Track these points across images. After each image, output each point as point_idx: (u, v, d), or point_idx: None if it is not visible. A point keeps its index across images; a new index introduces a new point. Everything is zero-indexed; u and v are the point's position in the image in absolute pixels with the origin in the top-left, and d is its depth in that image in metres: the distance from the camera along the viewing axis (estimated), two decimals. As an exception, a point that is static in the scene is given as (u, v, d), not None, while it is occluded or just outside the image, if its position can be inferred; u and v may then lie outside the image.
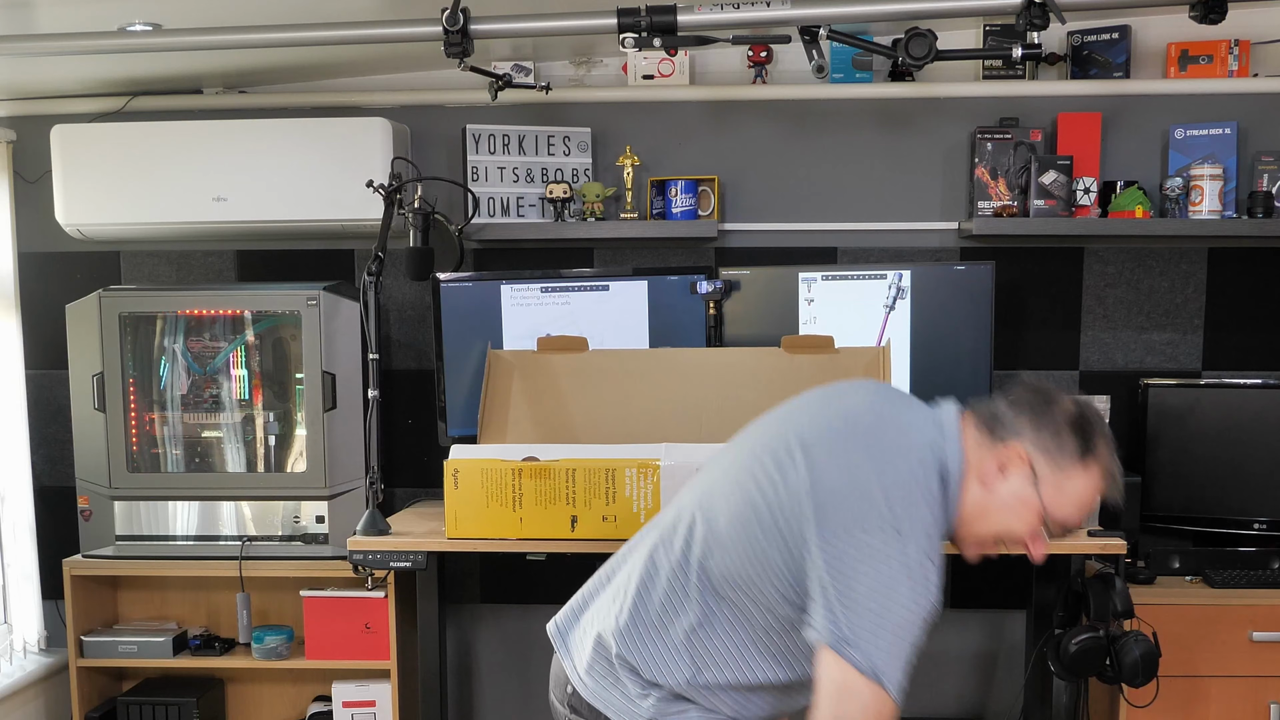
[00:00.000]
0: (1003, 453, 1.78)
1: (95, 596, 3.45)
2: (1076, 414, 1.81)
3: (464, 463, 2.82)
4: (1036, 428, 1.78)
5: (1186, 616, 3.02)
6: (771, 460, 1.78)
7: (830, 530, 1.68)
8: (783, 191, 3.48)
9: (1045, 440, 1.78)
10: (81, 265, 3.59)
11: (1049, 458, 1.77)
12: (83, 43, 2.79)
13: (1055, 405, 1.80)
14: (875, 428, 1.77)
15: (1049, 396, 1.82)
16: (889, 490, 1.68)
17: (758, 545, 1.76)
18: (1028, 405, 1.80)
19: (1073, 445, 1.79)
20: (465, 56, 2.64)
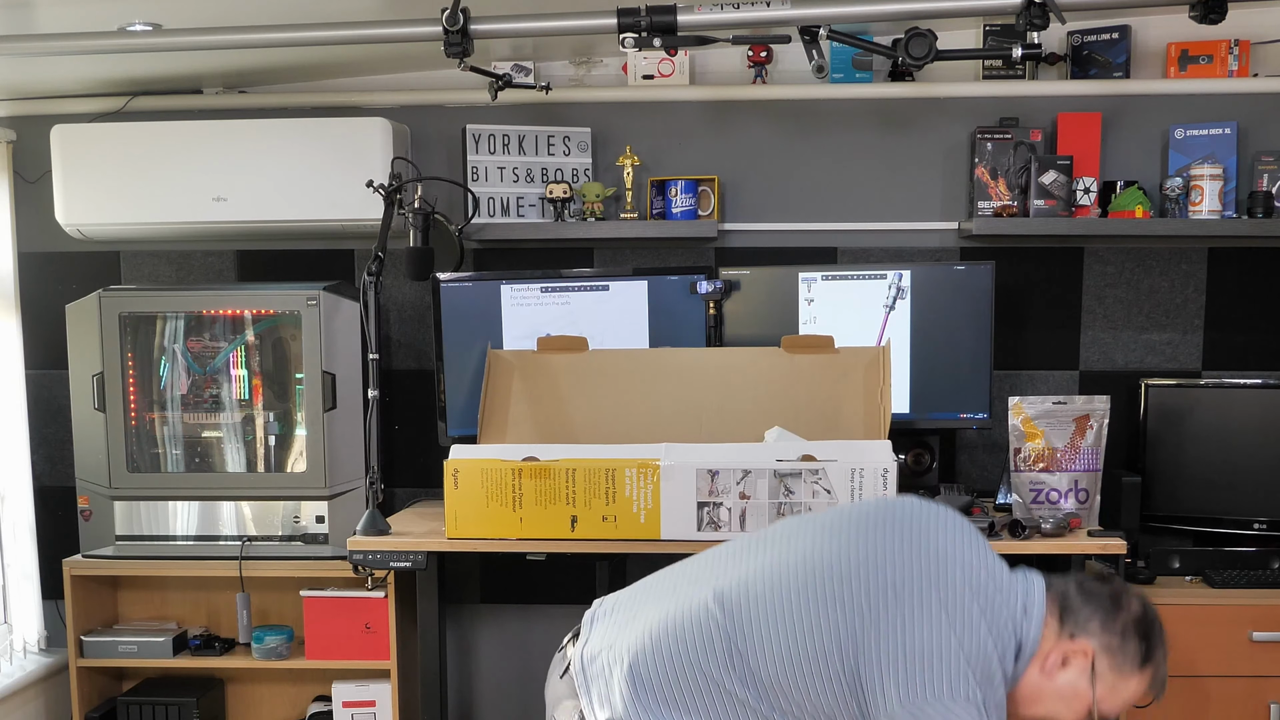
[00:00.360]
0: (1069, 646, 1.83)
1: (95, 596, 3.45)
2: (1143, 618, 1.86)
3: (464, 463, 2.82)
4: (1105, 627, 1.83)
5: (1186, 616, 3.01)
6: (851, 597, 1.78)
7: (914, 690, 1.70)
8: (783, 191, 3.48)
9: (1111, 642, 1.83)
10: (81, 265, 3.59)
11: (1111, 659, 1.83)
12: (83, 43, 2.78)
13: (1125, 607, 1.85)
14: (968, 587, 1.78)
15: (1119, 597, 1.86)
16: (972, 660, 1.72)
17: (821, 673, 1.77)
18: (1099, 602, 1.85)
19: (1135, 651, 1.85)
20: (465, 56, 2.64)
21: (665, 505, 2.76)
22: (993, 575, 1.83)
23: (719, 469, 2.74)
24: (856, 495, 2.67)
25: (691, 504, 2.75)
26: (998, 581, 1.83)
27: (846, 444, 2.80)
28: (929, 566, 1.80)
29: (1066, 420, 3.04)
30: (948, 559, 1.81)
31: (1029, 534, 2.82)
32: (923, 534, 1.85)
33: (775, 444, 2.84)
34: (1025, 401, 3.06)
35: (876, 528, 1.88)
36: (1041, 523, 2.86)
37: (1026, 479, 3.06)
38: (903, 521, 1.88)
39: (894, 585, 1.78)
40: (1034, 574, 1.89)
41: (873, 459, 2.67)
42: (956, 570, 1.80)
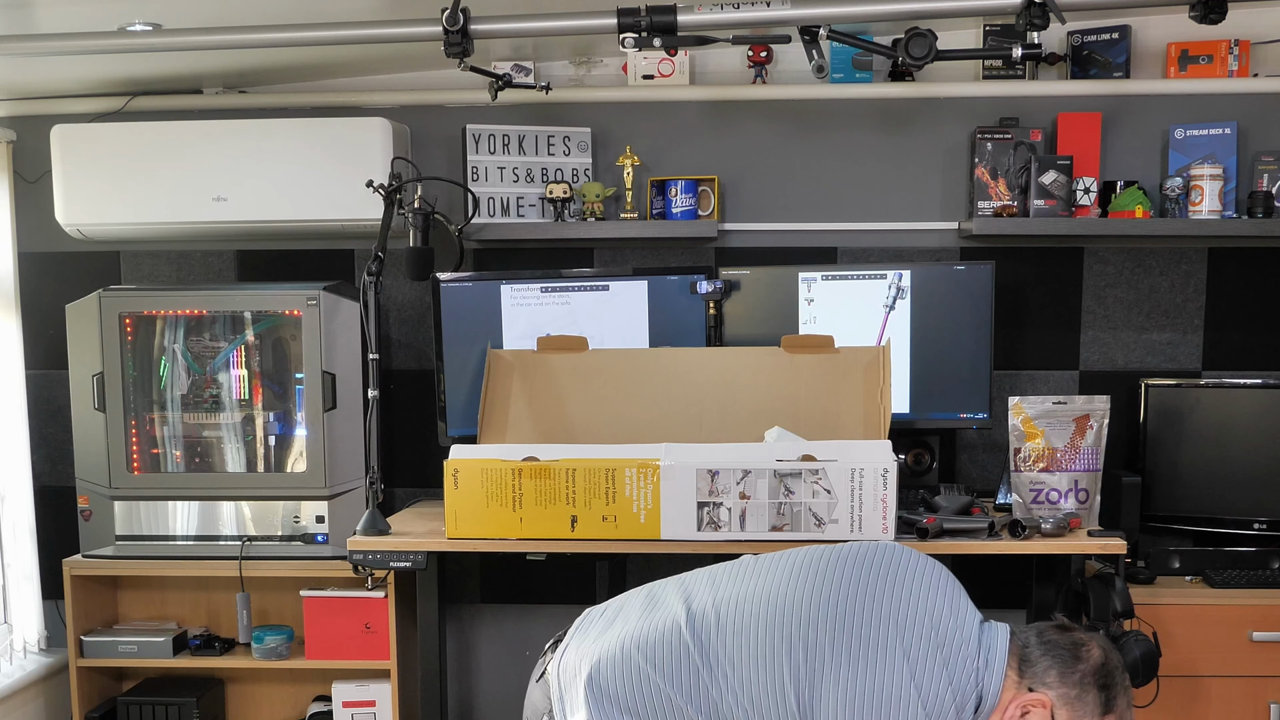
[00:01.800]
0: (1027, 698, 1.83)
1: (95, 596, 3.45)
2: (1102, 668, 1.86)
3: (464, 463, 2.82)
4: (1063, 679, 1.84)
5: (1186, 616, 3.02)
6: (815, 640, 1.81)
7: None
8: (783, 191, 3.48)
9: (1069, 693, 1.83)
10: (81, 265, 3.59)
11: (1070, 710, 1.83)
12: (83, 43, 2.78)
13: (1083, 658, 1.85)
14: (933, 639, 1.79)
15: (1078, 648, 1.86)
16: (930, 711, 1.74)
17: (775, 711, 1.79)
18: (1057, 653, 1.85)
19: (1095, 701, 1.85)
20: (465, 56, 2.64)
21: (665, 505, 2.76)
22: (960, 626, 1.84)
23: (719, 469, 2.74)
24: (856, 495, 2.67)
25: (691, 504, 2.75)
26: (965, 633, 1.84)
27: (846, 444, 2.80)
28: (897, 615, 1.81)
29: (1066, 420, 3.04)
30: (916, 609, 1.83)
31: (1029, 534, 2.82)
32: (895, 582, 1.87)
33: (775, 444, 2.84)
34: (1025, 401, 3.06)
35: (850, 571, 1.89)
36: (1041, 523, 2.86)
37: (1026, 479, 3.06)
38: (876, 567, 1.89)
39: (859, 632, 1.80)
40: (1001, 626, 1.90)
41: (873, 459, 2.67)
42: (924, 621, 1.81)
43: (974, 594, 3.55)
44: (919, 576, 1.89)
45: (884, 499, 2.68)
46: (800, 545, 2.65)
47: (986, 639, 1.86)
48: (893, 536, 2.70)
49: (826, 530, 2.69)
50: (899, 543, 2.01)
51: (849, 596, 1.85)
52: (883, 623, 1.80)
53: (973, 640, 1.84)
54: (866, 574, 1.89)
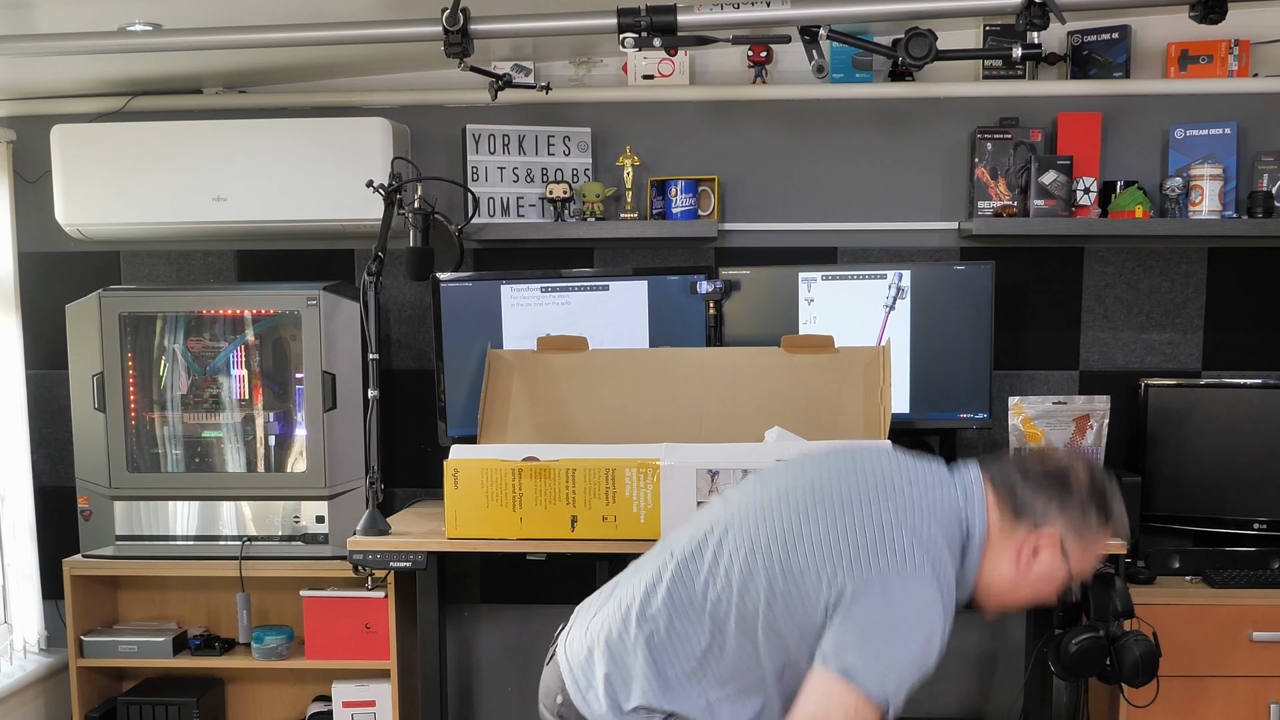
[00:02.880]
0: (1035, 538, 1.89)
1: (95, 596, 3.45)
2: (1093, 486, 1.93)
3: (464, 463, 2.82)
4: (1064, 510, 1.90)
5: (1186, 616, 3.02)
6: (802, 515, 1.87)
7: (863, 577, 1.78)
8: (783, 191, 3.48)
9: (1074, 521, 1.90)
10: (81, 265, 3.59)
11: (1078, 535, 1.90)
12: (83, 43, 2.79)
13: (1074, 484, 1.91)
14: (906, 488, 1.88)
15: (1066, 475, 1.91)
16: (918, 543, 1.81)
17: (795, 593, 1.84)
18: (1051, 488, 1.90)
19: (1096, 518, 1.93)
20: (465, 56, 2.64)
21: (665, 505, 2.76)
22: (930, 469, 1.94)
23: (719, 469, 2.74)
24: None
25: (691, 504, 2.74)
26: (938, 474, 1.93)
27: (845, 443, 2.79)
28: (872, 476, 1.90)
29: (1066, 420, 3.04)
30: (887, 467, 1.92)
31: (1029, 534, 2.82)
32: (861, 455, 1.97)
33: (775, 444, 2.84)
34: (1025, 401, 3.06)
35: (825, 468, 1.97)
36: (1041, 523, 2.85)
37: (1026, 479, 3.05)
38: (849, 455, 2.00)
39: (840, 497, 1.88)
40: (969, 463, 1.97)
41: (873, 459, 2.66)
42: (894, 476, 1.90)
43: (974, 594, 3.56)
44: (878, 448, 2.01)
45: (884, 499, 2.67)
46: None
47: (959, 476, 1.93)
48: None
49: None
50: None
51: (822, 481, 1.93)
52: (861, 486, 1.88)
53: (946, 479, 1.92)
54: (833, 458, 2.00)
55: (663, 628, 1.93)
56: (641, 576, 2.02)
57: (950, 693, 3.62)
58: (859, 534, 1.82)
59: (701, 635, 1.91)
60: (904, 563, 1.79)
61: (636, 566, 2.09)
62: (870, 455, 1.96)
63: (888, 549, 1.80)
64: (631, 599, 1.99)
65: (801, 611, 1.83)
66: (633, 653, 1.94)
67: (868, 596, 1.78)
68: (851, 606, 1.78)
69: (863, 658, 1.77)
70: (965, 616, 3.58)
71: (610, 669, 1.95)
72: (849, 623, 1.78)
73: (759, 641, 1.87)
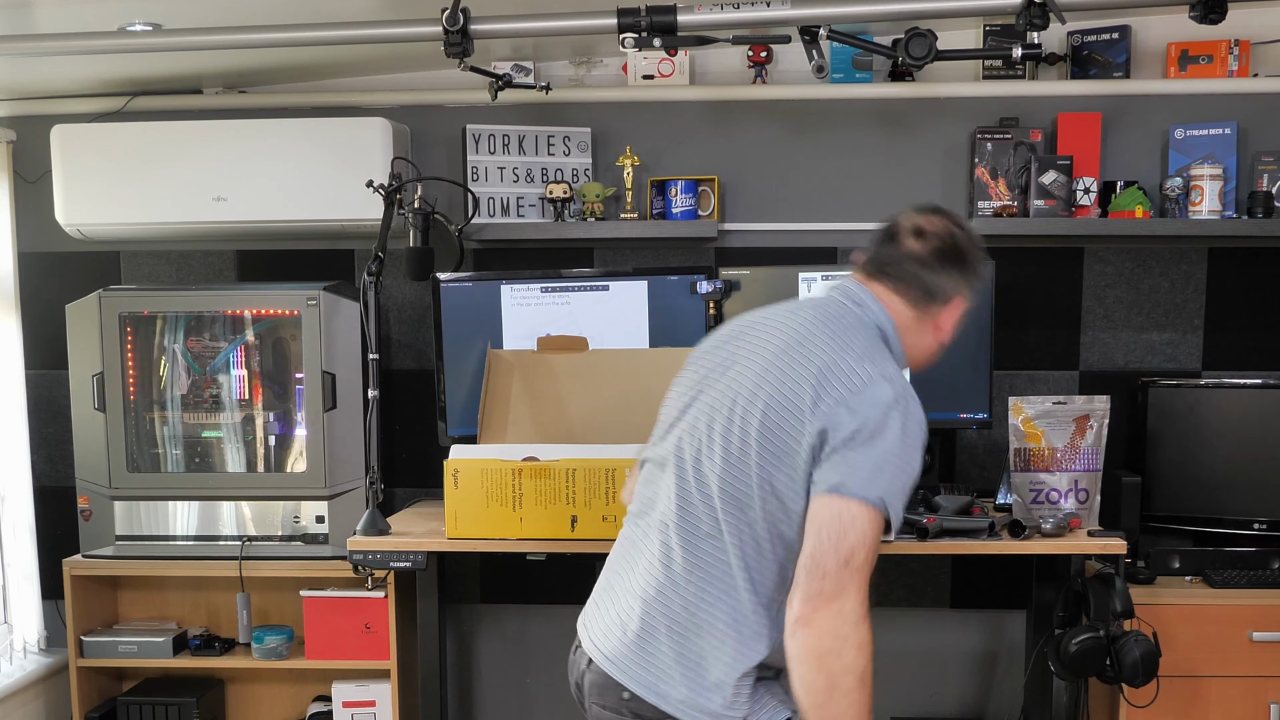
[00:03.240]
0: (950, 309, 2.05)
1: (95, 596, 3.45)
2: (973, 239, 2.06)
3: (464, 463, 2.82)
4: (967, 277, 2.04)
5: (1186, 616, 3.02)
6: (751, 401, 1.93)
7: (827, 414, 1.87)
8: (783, 191, 3.48)
9: (974, 279, 2.06)
10: (81, 265, 3.59)
11: (969, 288, 2.06)
12: (83, 43, 2.79)
13: (966, 251, 2.03)
14: (828, 322, 1.98)
15: (957, 247, 2.02)
16: (855, 360, 1.91)
17: (778, 452, 1.90)
18: (952, 266, 2.02)
19: (981, 264, 2.07)
20: (465, 56, 2.64)
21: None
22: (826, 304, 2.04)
23: (719, 469, 2.73)
24: (856, 495, 2.67)
25: (691, 504, 2.74)
26: (834, 305, 2.03)
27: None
28: (801, 328, 1.99)
29: (1066, 420, 3.04)
30: (807, 320, 2.00)
31: (1029, 534, 2.82)
32: (785, 321, 2.04)
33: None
34: (1025, 401, 3.06)
35: (758, 338, 2.03)
36: (1041, 523, 2.86)
37: (1026, 479, 3.06)
38: (771, 321, 2.05)
39: (781, 353, 1.96)
40: (843, 278, 2.09)
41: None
42: (816, 319, 1.99)
43: (974, 594, 3.57)
44: (777, 316, 2.08)
45: (884, 499, 2.67)
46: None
47: (845, 295, 2.04)
48: (893, 536, 2.68)
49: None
50: None
51: (776, 340, 2.01)
52: (807, 332, 1.98)
53: (839, 304, 2.02)
54: (778, 327, 2.04)
55: (695, 589, 1.93)
56: (644, 558, 2.01)
57: (950, 693, 3.62)
58: (806, 385, 1.89)
59: (733, 575, 1.92)
60: (854, 380, 1.88)
61: (627, 556, 2.07)
62: (776, 323, 2.02)
63: (835, 380, 1.88)
64: (649, 582, 1.97)
65: (790, 487, 1.89)
66: (692, 628, 1.93)
67: (836, 428, 1.85)
68: (826, 446, 1.85)
69: (848, 472, 1.84)
70: (966, 617, 3.60)
71: (674, 649, 1.94)
72: (829, 457, 1.85)
73: (773, 541, 1.93)
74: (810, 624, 1.83)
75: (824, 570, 1.82)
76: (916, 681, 3.62)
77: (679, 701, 1.92)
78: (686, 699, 1.92)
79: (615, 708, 1.97)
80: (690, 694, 1.92)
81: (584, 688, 2.06)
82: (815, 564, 1.83)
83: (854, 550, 1.82)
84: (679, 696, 1.92)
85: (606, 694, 1.98)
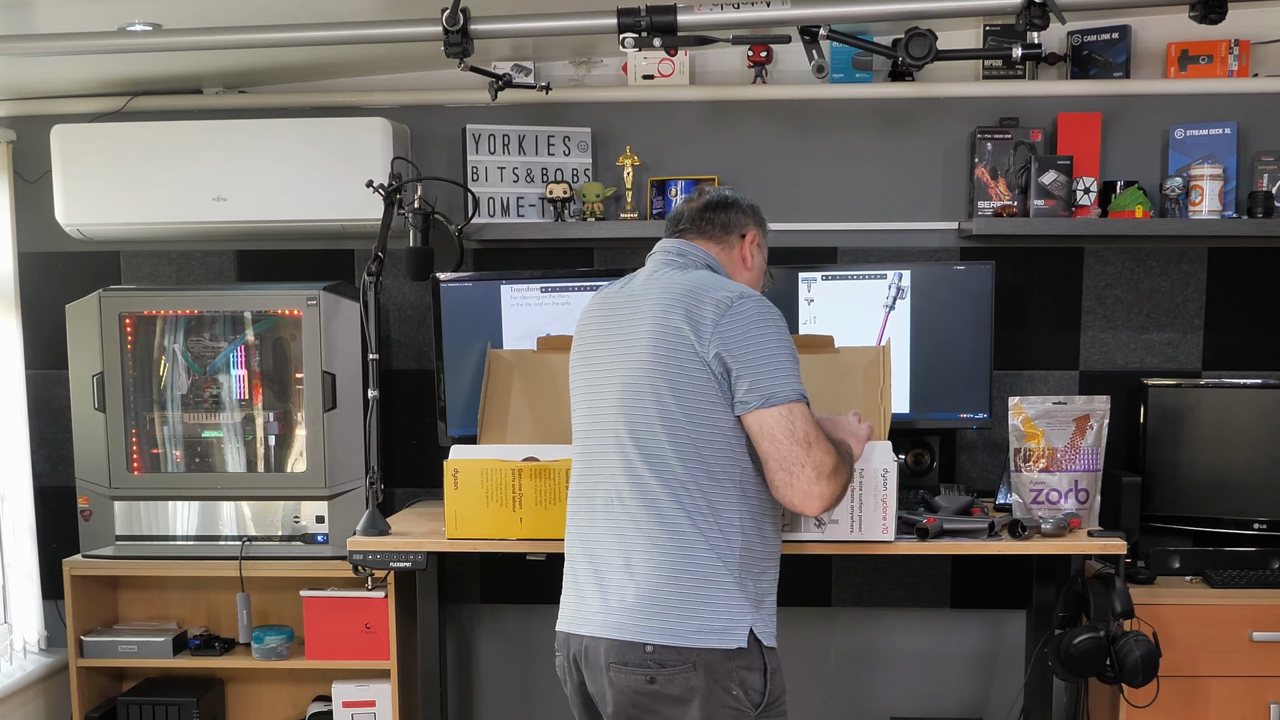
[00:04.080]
0: (746, 243, 2.44)
1: (95, 596, 3.45)
2: (743, 196, 2.48)
3: (464, 463, 2.82)
4: (747, 214, 2.45)
5: (1186, 616, 3.02)
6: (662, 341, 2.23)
7: (718, 338, 2.19)
8: (783, 191, 3.48)
9: (756, 219, 2.47)
10: (81, 265, 3.59)
11: (762, 229, 2.49)
12: (83, 43, 2.79)
13: (733, 199, 2.45)
14: (673, 274, 2.31)
15: (726, 197, 2.44)
16: (716, 288, 2.24)
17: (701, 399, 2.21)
18: (730, 208, 2.42)
19: (760, 215, 2.50)
20: (465, 56, 2.64)
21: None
22: (674, 267, 2.36)
23: (719, 469, 2.73)
24: (856, 495, 2.67)
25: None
26: (666, 264, 2.36)
27: (846, 444, 2.79)
28: (665, 296, 2.28)
29: (1066, 420, 3.04)
30: (655, 290, 2.31)
31: (1029, 534, 2.82)
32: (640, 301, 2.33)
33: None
34: (1025, 401, 3.06)
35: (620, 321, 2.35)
36: (1041, 523, 2.86)
37: (1026, 479, 3.06)
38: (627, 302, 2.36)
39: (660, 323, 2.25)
40: (660, 250, 2.41)
41: (872, 459, 2.66)
42: (668, 285, 2.30)
43: (974, 594, 3.57)
44: (637, 291, 2.38)
45: (884, 499, 2.68)
46: (800, 545, 2.67)
47: (668, 255, 2.38)
48: (893, 536, 2.70)
49: (826, 530, 2.69)
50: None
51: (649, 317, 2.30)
52: (672, 296, 2.28)
53: (671, 261, 2.37)
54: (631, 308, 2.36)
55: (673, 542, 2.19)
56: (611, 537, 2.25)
57: (950, 693, 3.62)
58: (685, 327, 2.20)
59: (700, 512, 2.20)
60: (723, 300, 2.20)
61: (592, 543, 2.29)
62: (638, 298, 2.31)
63: (708, 308, 2.19)
64: (629, 554, 2.21)
65: (718, 413, 2.20)
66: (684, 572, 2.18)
67: (732, 346, 2.17)
68: (731, 370, 2.17)
69: (767, 384, 2.16)
70: (966, 617, 3.60)
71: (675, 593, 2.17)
72: (741, 378, 2.17)
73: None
74: (813, 502, 2.19)
75: (797, 463, 2.16)
76: (916, 681, 3.62)
77: (690, 632, 2.16)
78: (699, 626, 2.16)
79: (639, 662, 2.17)
80: (701, 621, 2.16)
81: (594, 664, 2.24)
82: (785, 465, 2.17)
83: (806, 436, 2.17)
84: (691, 628, 2.16)
85: (628, 653, 2.18)
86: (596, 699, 2.27)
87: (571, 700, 2.35)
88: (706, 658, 2.16)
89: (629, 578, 2.20)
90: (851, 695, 3.64)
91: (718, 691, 2.17)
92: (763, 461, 2.20)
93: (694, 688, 2.16)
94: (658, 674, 2.16)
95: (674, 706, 2.18)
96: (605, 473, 2.27)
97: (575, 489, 2.37)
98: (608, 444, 2.27)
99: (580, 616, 2.27)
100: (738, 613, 2.19)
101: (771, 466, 2.19)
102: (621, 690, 2.19)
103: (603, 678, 2.22)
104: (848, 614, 3.59)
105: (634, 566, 2.20)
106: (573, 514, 2.36)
